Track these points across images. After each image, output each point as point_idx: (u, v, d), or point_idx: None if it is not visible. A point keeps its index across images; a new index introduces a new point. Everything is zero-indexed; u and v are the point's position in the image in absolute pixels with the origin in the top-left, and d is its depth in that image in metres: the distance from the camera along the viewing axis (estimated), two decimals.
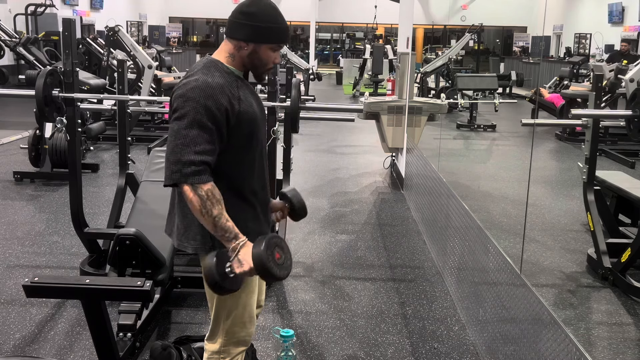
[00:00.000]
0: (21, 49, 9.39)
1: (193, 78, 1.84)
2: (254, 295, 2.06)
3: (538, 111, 10.30)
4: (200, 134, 1.78)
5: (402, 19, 6.76)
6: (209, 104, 1.80)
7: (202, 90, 1.81)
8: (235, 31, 1.92)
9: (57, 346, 2.91)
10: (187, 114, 1.79)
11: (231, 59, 1.94)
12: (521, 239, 3.08)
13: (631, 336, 3.18)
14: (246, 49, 1.92)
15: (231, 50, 1.94)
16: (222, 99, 1.82)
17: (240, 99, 1.88)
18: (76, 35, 3.46)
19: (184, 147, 1.78)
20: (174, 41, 22.33)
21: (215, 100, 1.81)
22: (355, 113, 5.91)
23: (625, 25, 15.49)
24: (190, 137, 1.78)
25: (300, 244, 4.40)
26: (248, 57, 1.93)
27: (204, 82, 1.82)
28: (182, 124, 1.80)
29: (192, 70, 1.91)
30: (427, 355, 2.92)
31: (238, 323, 2.02)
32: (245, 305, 2.02)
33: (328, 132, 9.12)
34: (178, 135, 1.80)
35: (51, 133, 6.01)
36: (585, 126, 3.92)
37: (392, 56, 13.96)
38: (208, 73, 1.86)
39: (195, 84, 1.82)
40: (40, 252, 4.12)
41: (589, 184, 4.04)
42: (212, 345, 2.05)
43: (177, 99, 1.84)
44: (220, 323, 2.02)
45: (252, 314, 2.06)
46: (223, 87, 1.84)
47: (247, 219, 1.95)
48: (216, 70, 1.88)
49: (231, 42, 1.93)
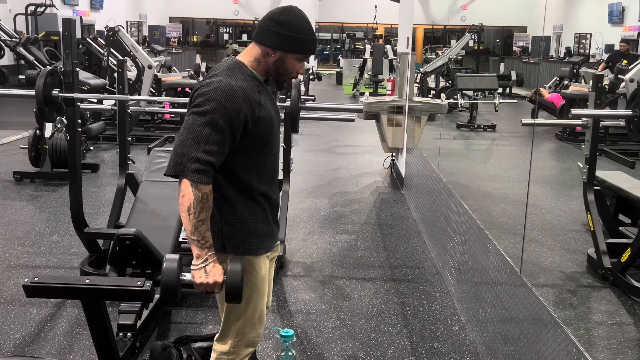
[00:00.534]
0: (21, 49, 9.39)
1: (217, 79, 1.84)
2: (264, 295, 2.06)
3: (538, 111, 10.29)
4: (213, 134, 1.78)
5: (402, 19, 6.76)
6: (229, 107, 1.80)
7: (224, 93, 1.80)
8: (264, 37, 1.92)
9: (57, 346, 2.91)
10: (205, 112, 1.79)
11: (256, 64, 1.94)
12: (521, 239, 3.08)
13: (631, 336, 3.18)
14: (273, 56, 1.92)
15: (258, 55, 1.94)
16: (243, 104, 1.82)
17: (261, 105, 1.88)
18: (76, 35, 3.46)
19: (195, 142, 1.78)
20: (174, 41, 22.32)
21: (235, 104, 1.81)
22: (355, 113, 5.91)
23: (625, 25, 15.47)
24: (203, 134, 1.78)
25: (300, 244, 4.40)
26: (274, 65, 1.94)
27: (227, 85, 1.82)
28: (198, 119, 1.79)
29: (216, 70, 1.90)
30: (427, 355, 2.92)
31: (249, 324, 2.02)
32: (256, 307, 2.02)
33: (328, 132, 9.12)
34: (191, 130, 1.79)
35: (51, 133, 6.01)
36: (585, 126, 3.92)
37: (392, 56, 13.96)
38: (232, 75, 1.86)
39: (218, 85, 1.82)
40: (40, 252, 4.12)
41: (589, 184, 4.04)
42: (222, 345, 2.05)
43: (198, 96, 1.83)
44: (231, 324, 2.02)
45: (262, 315, 2.06)
46: (245, 91, 1.84)
47: (257, 220, 1.96)
48: (240, 73, 1.88)
49: (259, 47, 1.93)
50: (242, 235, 1.93)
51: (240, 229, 1.92)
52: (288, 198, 4.39)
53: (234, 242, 1.92)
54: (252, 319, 2.03)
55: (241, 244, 1.93)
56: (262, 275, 2.01)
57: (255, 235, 1.95)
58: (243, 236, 1.93)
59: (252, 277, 1.98)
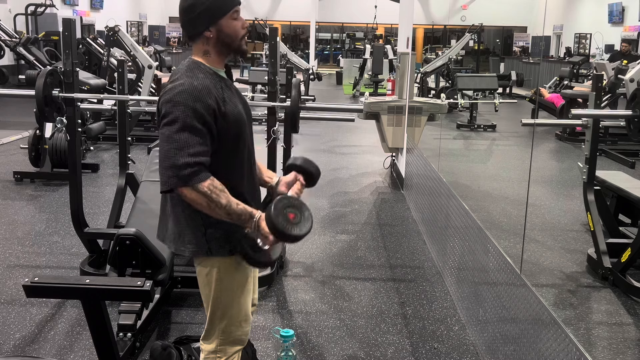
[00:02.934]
0: (21, 49, 9.38)
1: (179, 82, 1.84)
2: (249, 294, 2.07)
3: (538, 111, 10.29)
4: (192, 137, 1.78)
5: (402, 19, 6.76)
6: (198, 106, 1.79)
7: (189, 94, 1.80)
8: (193, 29, 1.91)
9: (57, 346, 2.91)
10: (177, 118, 1.79)
11: (208, 56, 1.93)
12: (521, 239, 3.08)
13: (631, 336, 3.18)
14: (212, 36, 1.90)
15: (203, 48, 1.93)
16: (210, 100, 1.82)
17: (225, 100, 1.88)
18: (76, 35, 3.46)
19: (177, 151, 1.77)
20: (174, 41, 22.30)
21: (202, 102, 1.81)
22: (355, 113, 5.90)
23: (625, 25, 15.47)
24: (182, 140, 1.77)
25: (300, 244, 4.40)
26: (218, 41, 1.92)
27: (190, 85, 1.82)
28: (172, 128, 1.79)
29: (176, 74, 1.90)
30: (427, 355, 2.92)
31: (234, 322, 2.03)
32: (241, 305, 2.02)
33: (328, 132, 9.12)
34: (170, 140, 1.79)
35: (51, 133, 6.01)
36: (585, 126, 3.92)
37: (392, 56, 13.95)
38: (192, 76, 1.85)
39: (182, 88, 1.81)
40: (40, 252, 4.12)
41: (589, 184, 4.04)
42: (208, 345, 2.05)
43: (164, 104, 1.83)
44: (215, 323, 2.02)
45: (247, 313, 2.06)
46: (209, 88, 1.84)
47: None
48: (200, 72, 1.88)
49: (198, 42, 1.93)
50: (226, 235, 1.92)
51: (223, 229, 1.92)
52: None
53: (219, 243, 1.92)
54: (238, 318, 2.03)
55: (226, 244, 1.93)
56: (246, 273, 2.02)
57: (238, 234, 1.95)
58: (227, 236, 1.92)
59: (238, 275, 1.98)
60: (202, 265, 1.98)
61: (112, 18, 11.91)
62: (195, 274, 2.03)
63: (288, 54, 13.85)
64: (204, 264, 1.97)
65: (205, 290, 2.00)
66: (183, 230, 1.93)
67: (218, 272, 1.95)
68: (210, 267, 1.95)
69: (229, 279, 1.97)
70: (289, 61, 13.21)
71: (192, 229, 1.91)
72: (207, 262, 1.96)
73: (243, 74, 13.89)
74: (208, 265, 1.96)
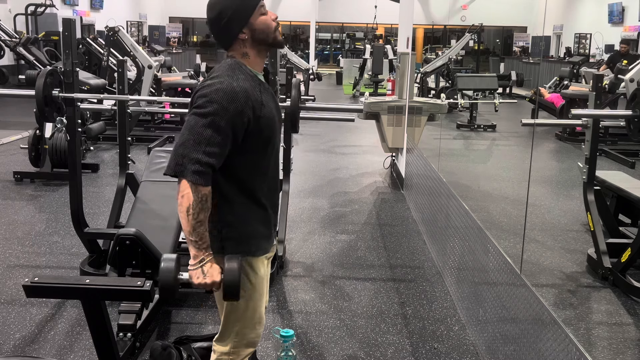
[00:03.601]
0: (21, 49, 9.39)
1: (218, 80, 1.82)
2: (263, 297, 2.06)
3: (538, 111, 10.29)
4: (214, 136, 1.77)
5: (402, 19, 6.76)
6: (231, 108, 1.78)
7: (227, 94, 1.79)
8: (227, 38, 1.91)
9: (57, 346, 2.91)
10: (207, 114, 1.78)
11: (247, 58, 1.93)
12: (521, 239, 3.08)
13: (631, 336, 3.18)
14: (246, 36, 1.90)
15: (241, 50, 1.92)
16: (245, 105, 1.81)
17: (262, 104, 1.87)
18: (76, 35, 3.46)
19: (196, 144, 1.76)
20: (174, 41, 22.30)
21: (237, 105, 1.79)
22: (355, 113, 5.91)
23: (625, 25, 15.47)
24: (204, 136, 1.77)
25: (300, 244, 4.40)
26: (253, 40, 1.91)
27: (229, 86, 1.80)
28: (200, 121, 1.78)
29: (217, 72, 1.88)
30: (427, 355, 2.92)
31: (248, 325, 2.02)
32: (256, 308, 2.02)
33: (328, 132, 9.12)
34: (193, 131, 1.78)
35: (51, 133, 6.01)
36: (585, 126, 3.92)
37: (392, 56, 13.95)
38: (233, 76, 1.84)
39: (220, 87, 1.80)
40: (40, 252, 4.12)
41: (589, 184, 4.04)
42: (221, 347, 2.04)
43: (200, 97, 1.82)
44: (230, 325, 2.01)
45: (261, 315, 2.06)
46: (247, 91, 1.83)
47: (257, 221, 1.96)
48: (241, 73, 1.86)
49: (235, 48, 1.92)
50: (242, 237, 1.92)
51: (239, 230, 1.92)
52: (288, 198, 4.39)
53: (234, 243, 1.92)
54: (252, 320, 2.02)
55: (240, 245, 1.92)
56: (261, 275, 2.01)
57: (254, 237, 1.95)
58: (242, 237, 1.93)
59: (252, 277, 1.98)
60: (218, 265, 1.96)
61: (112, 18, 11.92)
62: None
63: (288, 54, 13.85)
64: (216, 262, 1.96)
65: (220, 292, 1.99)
66: None
67: None
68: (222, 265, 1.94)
69: (244, 281, 1.96)
70: (289, 61, 13.21)
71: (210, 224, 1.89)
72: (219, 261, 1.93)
73: None
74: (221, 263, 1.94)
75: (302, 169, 6.61)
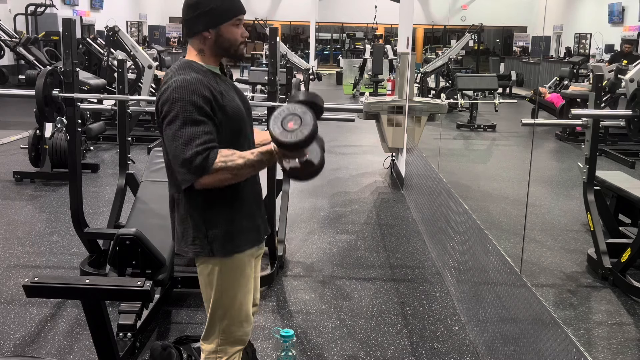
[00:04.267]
0: (21, 49, 9.38)
1: (172, 80, 1.85)
2: (249, 294, 2.07)
3: (538, 111, 10.29)
4: (195, 129, 1.78)
5: (402, 19, 6.76)
6: (194, 98, 1.80)
7: (184, 88, 1.81)
8: (192, 27, 1.92)
9: (57, 346, 2.91)
10: (177, 115, 1.79)
11: (202, 55, 1.94)
12: (521, 239, 3.08)
13: (631, 336, 3.18)
14: (210, 37, 1.91)
15: (198, 47, 1.94)
16: (204, 91, 1.82)
17: (222, 93, 1.89)
18: (76, 35, 3.46)
19: (184, 146, 1.78)
20: (174, 41, 22.29)
21: (198, 94, 1.81)
22: (355, 113, 5.89)
23: (626, 25, 15.47)
24: (186, 135, 1.78)
25: (300, 244, 4.40)
26: (215, 44, 1.93)
27: (183, 80, 1.82)
28: (174, 126, 1.80)
29: (168, 75, 1.91)
30: (427, 355, 2.92)
31: (235, 322, 2.03)
32: (242, 305, 2.02)
33: (328, 132, 9.11)
34: (175, 138, 1.80)
35: (51, 133, 6.01)
36: (585, 126, 3.92)
37: (392, 56, 13.95)
38: (183, 72, 1.86)
39: (176, 85, 1.82)
40: (40, 252, 4.11)
41: (589, 184, 4.04)
42: (208, 345, 2.05)
43: (163, 104, 1.84)
44: (216, 323, 2.02)
45: (248, 312, 2.06)
46: (201, 80, 1.85)
47: (241, 217, 1.97)
48: (192, 70, 1.88)
49: (194, 40, 1.93)
50: (228, 235, 1.93)
51: (224, 228, 1.93)
52: (288, 198, 4.39)
53: (221, 244, 1.93)
54: (239, 318, 2.03)
55: (227, 244, 1.94)
56: (247, 273, 2.02)
57: (240, 232, 1.96)
58: (228, 236, 1.94)
59: (239, 275, 1.98)
60: (203, 265, 1.98)
61: (112, 18, 11.92)
62: (196, 274, 2.03)
63: (288, 54, 13.86)
64: (205, 264, 1.97)
65: (207, 290, 2.00)
66: (186, 231, 1.95)
67: (219, 272, 1.96)
68: (211, 267, 1.96)
69: (229, 279, 1.97)
70: (289, 61, 13.22)
71: (194, 230, 1.92)
72: (209, 262, 1.96)
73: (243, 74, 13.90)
74: (209, 265, 1.96)
75: None
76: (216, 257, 1.93)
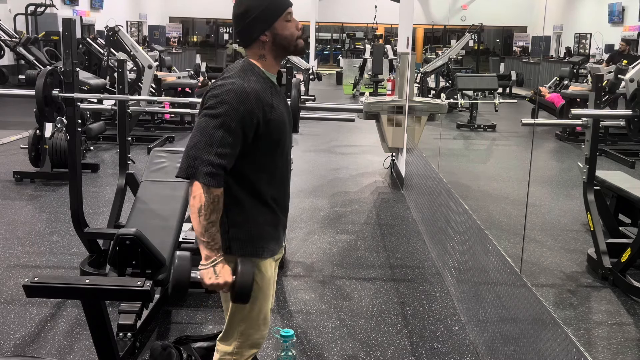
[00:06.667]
0: (21, 49, 9.39)
1: (230, 81, 1.82)
2: (269, 298, 2.05)
3: (538, 111, 10.29)
4: (226, 137, 1.77)
5: (402, 19, 6.76)
6: (242, 109, 1.78)
7: (237, 95, 1.79)
8: (248, 35, 1.91)
9: (57, 346, 2.91)
10: (218, 115, 1.78)
11: (264, 60, 1.93)
12: (521, 239, 3.08)
13: (631, 336, 3.18)
14: (268, 39, 1.90)
15: (258, 52, 1.92)
16: (255, 107, 1.81)
17: (273, 107, 1.87)
18: (76, 35, 3.46)
19: (207, 145, 1.76)
20: (174, 41, 22.29)
21: (248, 106, 1.79)
22: (355, 113, 5.91)
23: (625, 25, 15.47)
24: (215, 137, 1.77)
25: (300, 244, 4.40)
26: (274, 45, 1.91)
27: (240, 87, 1.80)
28: (211, 122, 1.78)
29: (229, 72, 1.88)
30: (427, 355, 2.92)
31: (253, 326, 2.02)
32: (261, 309, 2.01)
33: (328, 132, 9.11)
34: (204, 132, 1.78)
35: (51, 133, 6.01)
36: (585, 126, 3.92)
37: (392, 56, 13.95)
38: (245, 77, 1.84)
39: (231, 87, 1.80)
40: (40, 252, 4.12)
41: (589, 184, 4.04)
42: (225, 346, 2.04)
43: (210, 98, 1.82)
44: (235, 325, 2.01)
45: (267, 316, 2.05)
46: (258, 93, 1.83)
47: (265, 222, 1.95)
48: (252, 75, 1.87)
49: (253, 48, 1.92)
50: (249, 238, 1.92)
51: (247, 231, 1.92)
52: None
53: (241, 244, 1.91)
54: (257, 321, 2.02)
55: (247, 246, 1.92)
56: (268, 277, 2.01)
57: (262, 238, 1.94)
58: (249, 239, 1.92)
59: (258, 279, 1.97)
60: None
61: (112, 18, 11.93)
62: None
63: None
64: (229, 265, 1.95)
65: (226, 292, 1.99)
66: None
67: None
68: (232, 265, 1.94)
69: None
70: (289, 61, 13.20)
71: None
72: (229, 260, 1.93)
73: None
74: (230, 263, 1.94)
75: (302, 169, 6.61)
76: (234, 255, 1.91)
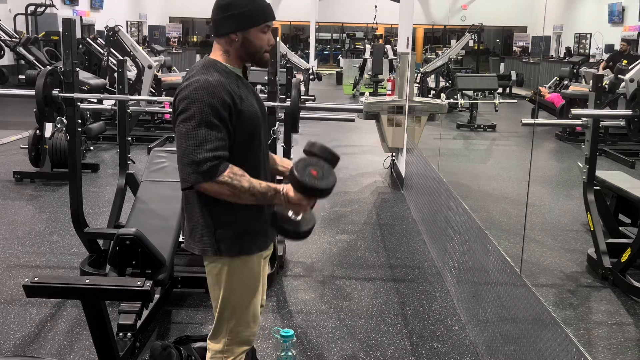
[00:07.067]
0: (21, 49, 9.39)
1: (194, 79, 1.85)
2: (258, 295, 2.06)
3: (538, 111, 10.30)
4: (210, 132, 1.79)
5: (402, 19, 6.76)
6: (213, 102, 1.80)
7: (205, 89, 1.81)
8: (220, 27, 1.92)
9: (57, 346, 2.91)
10: (193, 115, 1.79)
11: (227, 56, 1.94)
12: (521, 239, 3.08)
13: (631, 336, 3.18)
14: (237, 40, 1.92)
15: (224, 47, 1.94)
16: (225, 96, 1.83)
17: (241, 98, 1.89)
18: (76, 35, 3.46)
19: (196, 147, 1.78)
20: (174, 41, 22.31)
21: (218, 97, 1.81)
22: (355, 113, 5.91)
23: (625, 25, 15.47)
24: (200, 137, 1.78)
25: (300, 244, 4.40)
26: (242, 48, 1.93)
27: (205, 81, 1.82)
28: (189, 125, 1.80)
29: (192, 72, 1.91)
30: (427, 355, 2.92)
31: (242, 323, 2.02)
32: (249, 305, 2.02)
33: (328, 132, 9.11)
34: (188, 137, 1.79)
35: (51, 133, 6.01)
36: (585, 126, 3.92)
37: (392, 56, 13.95)
38: (207, 72, 1.86)
39: (197, 85, 1.82)
40: (40, 252, 4.12)
41: (589, 184, 4.04)
42: (215, 344, 2.05)
43: (181, 101, 1.84)
44: (224, 322, 2.02)
45: (256, 313, 2.06)
46: (224, 84, 1.85)
47: (250, 219, 1.96)
48: (215, 70, 1.89)
49: (221, 40, 1.94)
50: (236, 236, 1.93)
51: (233, 229, 1.92)
52: None
53: (228, 243, 1.92)
54: (246, 318, 2.03)
55: (235, 244, 1.93)
56: (256, 273, 2.02)
57: (248, 235, 1.95)
58: (236, 236, 1.93)
59: (246, 275, 1.98)
60: (212, 264, 1.97)
61: (112, 18, 11.93)
62: (196, 274, 2.03)
63: (288, 54, 13.85)
64: (214, 263, 1.97)
65: (215, 290, 2.00)
66: (195, 228, 1.94)
67: (228, 271, 1.95)
68: (220, 266, 1.95)
69: (238, 279, 1.97)
70: (289, 61, 13.22)
71: (203, 228, 1.92)
72: (217, 262, 1.95)
73: None
74: (218, 264, 1.95)
75: None
76: (224, 256, 1.93)
